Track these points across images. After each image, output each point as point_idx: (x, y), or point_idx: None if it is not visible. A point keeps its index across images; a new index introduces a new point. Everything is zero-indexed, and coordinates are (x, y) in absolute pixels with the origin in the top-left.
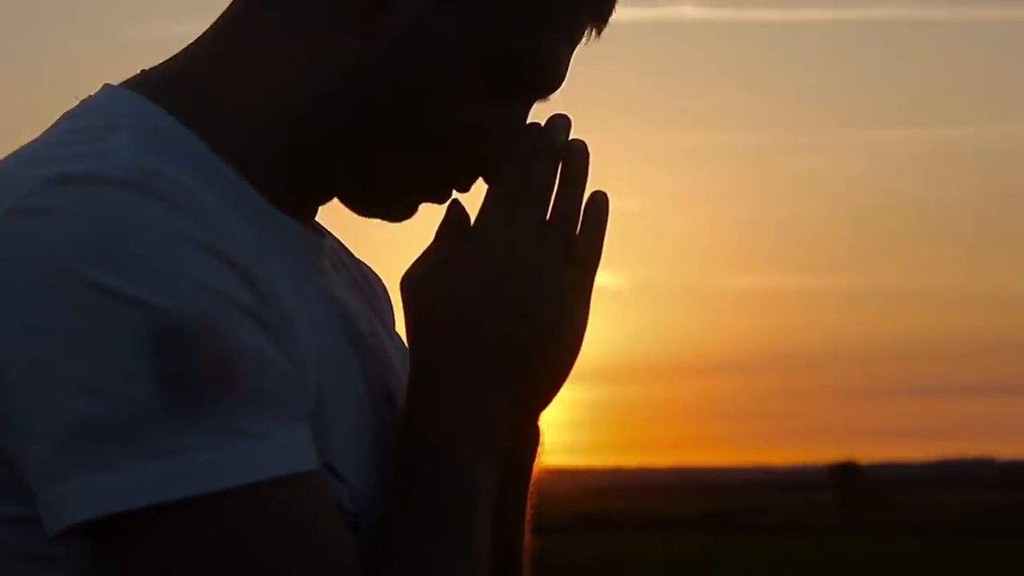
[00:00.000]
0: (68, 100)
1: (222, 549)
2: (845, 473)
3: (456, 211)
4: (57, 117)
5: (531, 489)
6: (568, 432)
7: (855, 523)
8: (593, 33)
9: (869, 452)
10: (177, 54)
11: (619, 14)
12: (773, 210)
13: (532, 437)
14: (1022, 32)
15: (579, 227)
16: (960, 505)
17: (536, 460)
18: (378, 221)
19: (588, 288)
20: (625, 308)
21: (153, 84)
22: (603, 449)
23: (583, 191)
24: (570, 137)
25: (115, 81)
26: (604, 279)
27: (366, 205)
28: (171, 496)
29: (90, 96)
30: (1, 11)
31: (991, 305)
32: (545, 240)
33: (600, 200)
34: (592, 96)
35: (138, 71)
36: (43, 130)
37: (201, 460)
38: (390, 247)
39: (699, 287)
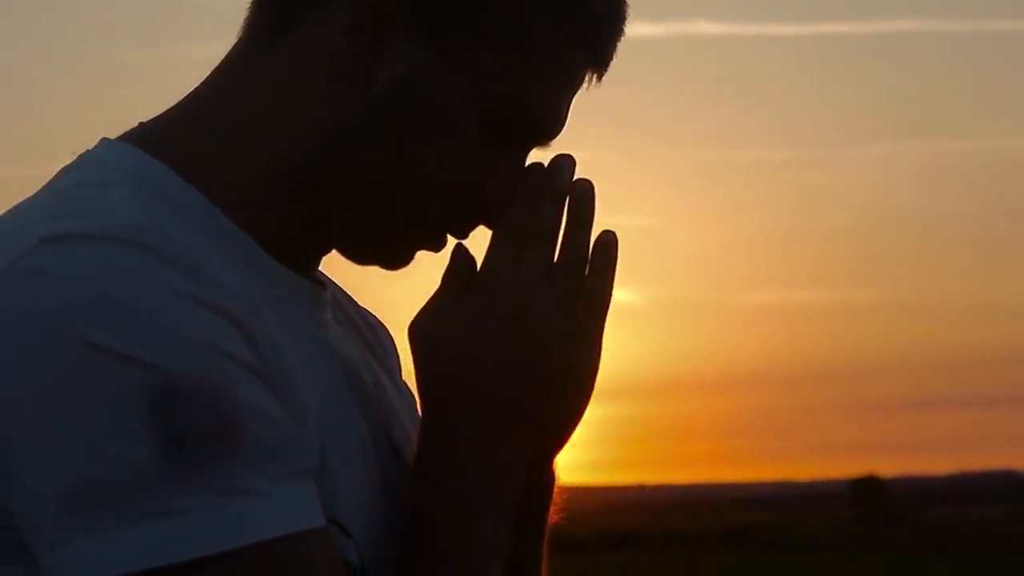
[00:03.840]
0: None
1: None
2: (867, 487)
3: (461, 256)
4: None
5: (547, 536)
6: (587, 450)
7: (877, 538)
8: (594, 78)
9: (891, 466)
10: (174, 105)
11: (633, 29)
12: (788, 224)
13: (546, 483)
14: None
15: (588, 267)
16: (982, 518)
17: (551, 506)
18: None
19: (598, 330)
20: (641, 325)
21: (151, 137)
22: (623, 466)
23: (590, 231)
24: (575, 176)
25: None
26: (619, 296)
27: (363, 254)
28: (171, 559)
29: (88, 150)
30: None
31: (1009, 316)
32: (552, 283)
33: (609, 239)
34: (605, 112)
35: (136, 124)
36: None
37: (202, 521)
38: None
39: (716, 302)
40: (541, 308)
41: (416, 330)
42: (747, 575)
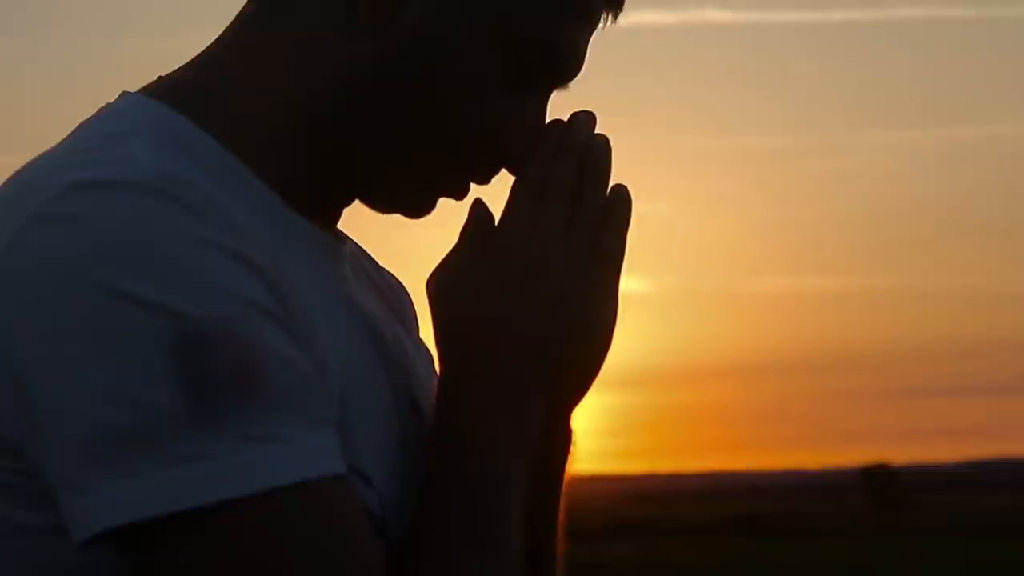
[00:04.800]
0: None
1: (248, 553)
2: (877, 475)
3: (479, 211)
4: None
5: (564, 489)
6: (598, 439)
7: (888, 525)
8: (609, 18)
9: (901, 454)
10: (194, 58)
11: (643, 17)
12: (797, 212)
13: (564, 436)
14: None
15: (603, 223)
16: (992, 505)
17: (569, 459)
18: (399, 223)
19: (614, 284)
20: (651, 313)
21: (171, 89)
22: (633, 455)
23: (606, 187)
24: (593, 133)
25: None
26: (629, 284)
27: (385, 202)
28: (194, 502)
29: (108, 103)
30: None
31: (1018, 303)
32: (569, 238)
33: (622, 194)
34: (615, 98)
35: (154, 78)
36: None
37: (225, 465)
38: (411, 251)
39: (725, 290)
40: (559, 262)
41: (434, 284)
42: (758, 562)
